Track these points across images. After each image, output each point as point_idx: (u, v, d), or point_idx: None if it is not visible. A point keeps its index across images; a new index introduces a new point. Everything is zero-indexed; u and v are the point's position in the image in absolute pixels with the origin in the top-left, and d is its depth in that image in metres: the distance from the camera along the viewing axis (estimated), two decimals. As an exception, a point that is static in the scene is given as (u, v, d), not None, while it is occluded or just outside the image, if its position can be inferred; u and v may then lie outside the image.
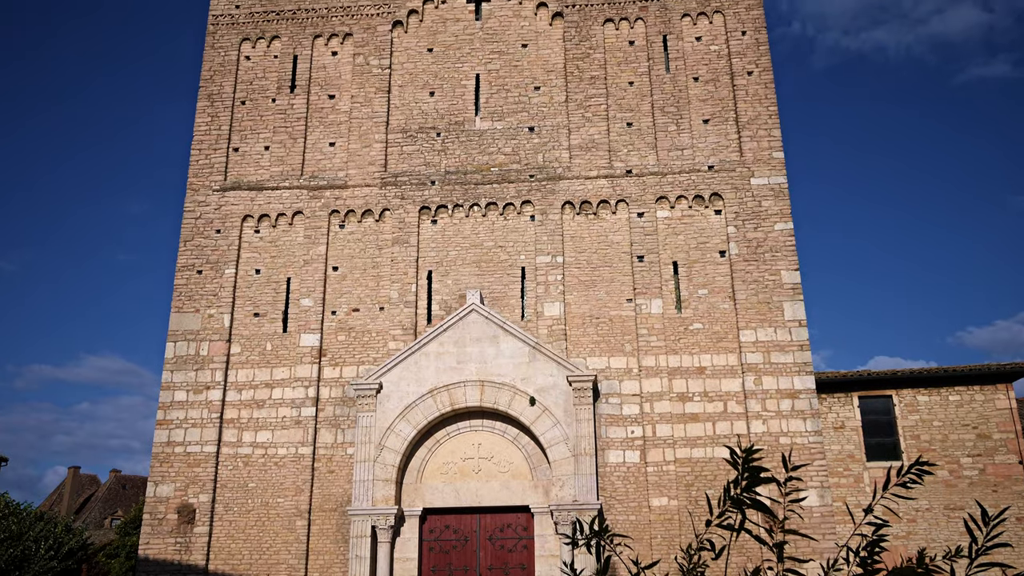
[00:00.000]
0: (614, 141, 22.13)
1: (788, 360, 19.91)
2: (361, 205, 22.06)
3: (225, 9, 24.28)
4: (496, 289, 21.12)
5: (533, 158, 22.14)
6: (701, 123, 22.11)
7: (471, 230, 21.69)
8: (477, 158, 22.29)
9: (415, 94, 23.10)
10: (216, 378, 20.84)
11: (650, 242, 21.10)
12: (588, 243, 21.36)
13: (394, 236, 21.72)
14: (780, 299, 20.38)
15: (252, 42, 23.95)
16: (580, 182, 21.75)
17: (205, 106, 23.30)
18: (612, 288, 20.90)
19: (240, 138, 23.01)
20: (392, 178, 22.23)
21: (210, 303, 21.46)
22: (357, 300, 21.37)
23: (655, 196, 21.47)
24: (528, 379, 19.72)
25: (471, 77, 23.13)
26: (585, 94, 22.54)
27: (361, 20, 23.87)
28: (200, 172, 22.65)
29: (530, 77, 22.98)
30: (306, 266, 21.65)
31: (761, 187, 21.31)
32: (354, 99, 23.08)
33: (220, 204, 22.29)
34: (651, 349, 20.23)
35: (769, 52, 22.48)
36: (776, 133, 21.75)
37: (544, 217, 21.50)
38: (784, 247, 20.79)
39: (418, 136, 22.64)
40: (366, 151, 22.55)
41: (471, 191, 21.89)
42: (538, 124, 22.46)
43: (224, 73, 23.60)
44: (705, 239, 21.17)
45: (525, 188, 21.80)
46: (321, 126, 23.04)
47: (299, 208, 22.15)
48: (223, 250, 21.91)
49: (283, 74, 23.54)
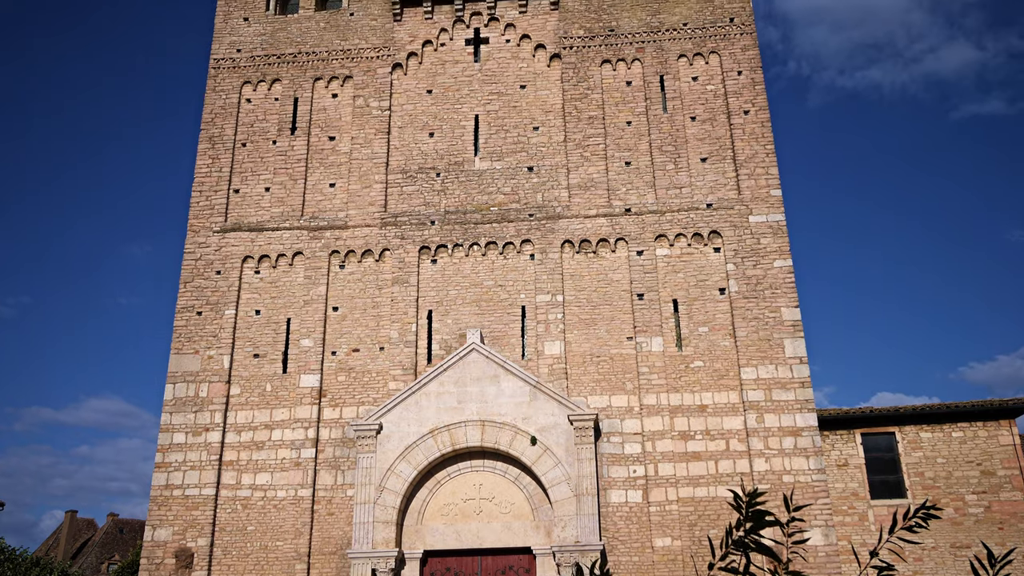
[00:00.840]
0: (613, 180, 22.28)
1: (790, 397, 19.83)
2: (361, 245, 22.13)
3: (227, 53, 24.59)
4: (496, 328, 21.11)
5: (532, 197, 22.27)
6: (699, 162, 22.28)
7: (471, 269, 21.74)
8: (477, 198, 22.42)
9: (415, 135, 23.31)
10: (215, 420, 20.74)
11: (650, 280, 21.14)
12: (588, 281, 21.40)
13: (394, 276, 21.76)
14: (781, 336, 20.36)
15: (253, 85, 24.22)
16: (579, 221, 21.85)
17: (206, 148, 23.49)
18: (612, 326, 20.89)
19: (241, 180, 23.16)
20: (392, 218, 22.33)
21: (210, 344, 21.43)
22: (357, 340, 21.35)
23: (654, 234, 21.56)
24: (529, 418, 19.62)
25: (470, 118, 23.36)
26: (583, 134, 22.75)
27: (361, 63, 24.17)
28: (200, 214, 22.77)
29: (529, 117, 23.21)
30: (306, 306, 21.66)
31: (759, 225, 21.40)
32: (354, 140, 23.29)
33: (220, 245, 22.37)
34: (652, 387, 20.16)
35: (765, 91, 22.73)
36: (773, 171, 21.90)
37: (544, 256, 21.57)
38: (784, 284, 20.82)
39: (418, 176, 22.80)
40: (366, 192, 22.69)
41: (471, 231, 21.99)
42: (537, 164, 22.63)
43: (225, 116, 23.83)
44: (705, 276, 21.21)
45: (525, 227, 21.90)
46: (321, 167, 23.21)
47: (299, 249, 22.22)
48: (223, 291, 21.93)
49: (284, 116, 23.77)
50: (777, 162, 22.03)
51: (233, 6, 25.18)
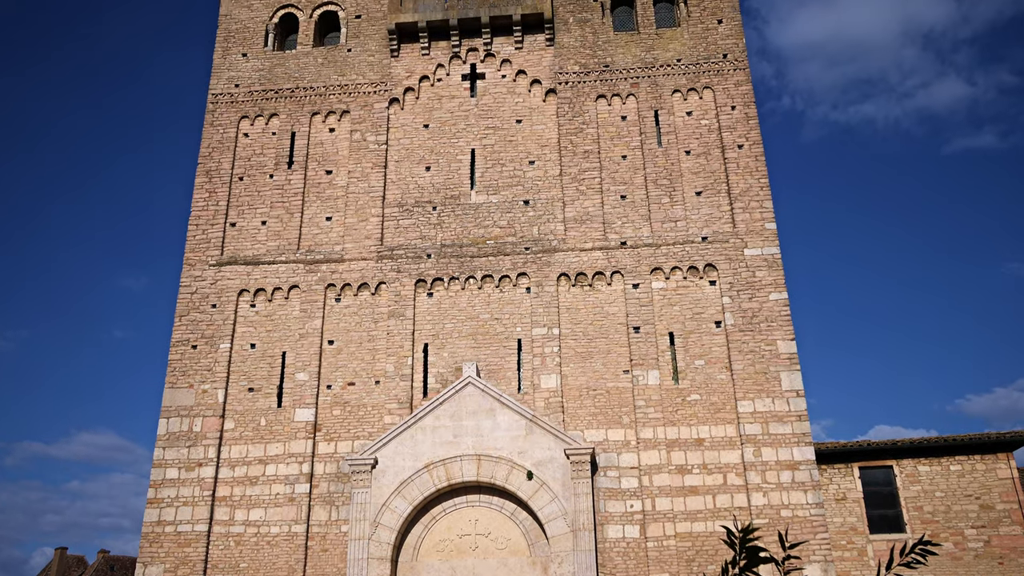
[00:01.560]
0: (608, 213, 22.38)
1: (787, 431, 19.75)
2: (357, 279, 22.15)
3: (225, 88, 24.79)
4: (492, 361, 21.06)
5: (528, 231, 22.36)
6: (694, 195, 22.40)
7: (467, 303, 21.75)
8: (473, 231, 22.49)
9: (411, 169, 23.44)
10: (209, 455, 20.58)
11: (646, 313, 21.15)
12: (584, 315, 21.40)
13: (390, 309, 21.75)
14: (777, 369, 20.34)
15: (251, 120, 24.39)
16: (575, 254, 21.91)
17: (203, 182, 23.59)
18: (609, 359, 20.86)
19: (237, 213, 23.23)
20: (388, 252, 22.38)
21: (204, 378, 21.34)
22: (352, 374, 21.28)
23: (650, 267, 21.61)
24: (525, 452, 19.50)
25: (467, 152, 23.52)
26: (579, 168, 22.89)
27: (358, 98, 24.37)
28: (197, 247, 22.80)
29: (525, 152, 23.36)
30: (301, 340, 21.61)
31: (755, 258, 21.47)
32: (351, 174, 23.41)
33: (216, 279, 22.37)
34: (649, 421, 20.08)
35: (759, 126, 22.94)
36: (768, 204, 22.02)
37: (540, 289, 21.59)
38: (779, 317, 20.84)
39: (414, 210, 22.89)
40: (362, 225, 22.76)
41: (467, 264, 22.03)
42: (533, 197, 22.74)
43: (223, 150, 23.97)
44: (701, 310, 21.23)
45: (521, 260, 21.94)
46: (318, 201, 23.30)
47: (295, 282, 22.22)
48: (218, 325, 21.89)
49: (281, 150, 23.91)
50: (771, 195, 22.16)
51: (232, 42, 25.44)
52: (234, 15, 25.85)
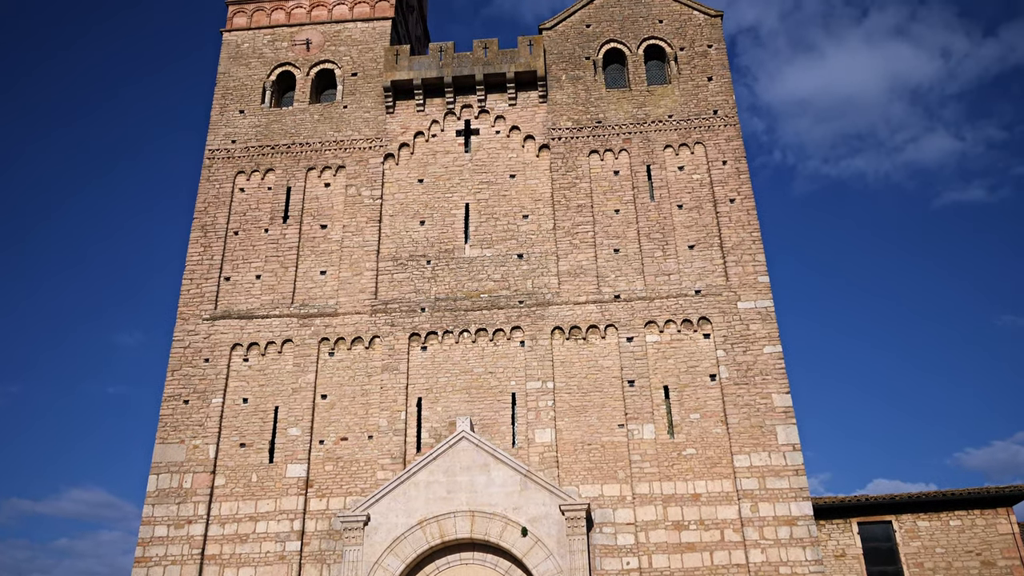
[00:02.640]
0: (602, 267, 22.47)
1: (784, 485, 19.56)
2: (351, 332, 22.10)
3: (222, 144, 25.04)
4: (486, 416, 20.91)
5: (522, 284, 22.41)
6: (687, 249, 22.53)
7: (461, 356, 21.68)
8: (467, 285, 22.53)
9: (406, 223, 23.57)
10: (199, 511, 20.26)
11: (640, 366, 21.09)
12: (578, 368, 21.33)
13: (384, 363, 21.66)
14: (773, 423, 20.22)
15: (247, 175, 24.58)
16: (569, 307, 21.93)
17: (198, 236, 23.66)
18: (603, 413, 20.73)
19: (232, 267, 23.26)
20: (382, 305, 22.37)
21: (195, 434, 21.13)
22: (345, 428, 21.09)
23: (644, 321, 21.62)
24: (520, 508, 19.24)
25: (461, 206, 23.68)
26: (572, 222, 23.05)
27: (354, 153, 24.63)
28: (191, 301, 22.77)
29: (518, 206, 23.54)
30: (294, 394, 21.46)
31: (748, 311, 21.51)
32: (346, 228, 23.52)
33: (210, 333, 22.30)
34: (644, 476, 19.87)
35: (750, 180, 23.19)
36: (760, 258, 22.14)
37: (534, 343, 21.55)
38: (774, 370, 20.80)
39: (408, 264, 22.96)
40: (357, 279, 22.80)
41: (461, 317, 22.02)
42: (527, 251, 22.85)
43: (218, 204, 24.10)
44: (695, 363, 21.18)
45: (515, 314, 21.95)
46: (313, 255, 23.37)
47: (289, 336, 22.16)
48: (211, 379, 21.75)
49: (276, 205, 24.05)
50: (764, 249, 22.30)
51: (230, 99, 25.77)
52: (232, 73, 26.24)
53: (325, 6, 27.33)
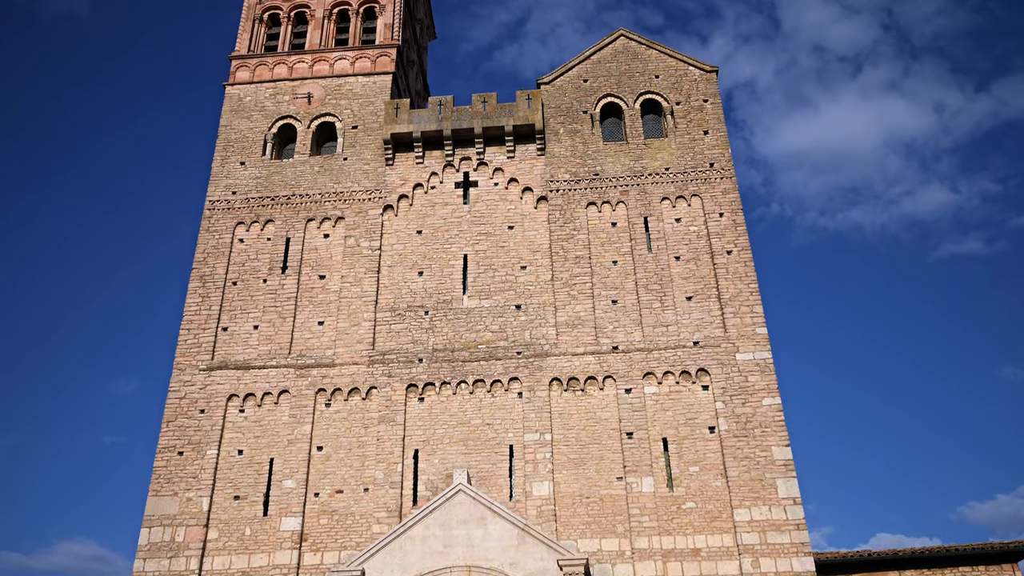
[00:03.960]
0: (600, 318, 22.48)
1: (785, 540, 19.29)
2: (348, 383, 22.00)
3: (222, 195, 25.23)
4: (484, 468, 20.71)
5: (520, 335, 22.39)
6: (684, 300, 22.57)
7: (458, 408, 21.55)
8: (465, 336, 22.50)
9: (404, 274, 23.64)
10: (191, 566, 19.92)
11: (639, 418, 20.96)
12: (576, 420, 21.20)
13: (380, 415, 21.52)
14: (773, 476, 20.02)
15: (246, 225, 24.72)
16: (567, 359, 21.88)
17: (197, 287, 23.70)
18: (602, 466, 20.54)
19: (230, 318, 23.25)
20: (380, 356, 22.31)
21: (189, 486, 20.88)
22: (341, 481, 20.86)
23: (642, 372, 21.55)
24: (517, 563, 18.92)
25: (459, 257, 23.78)
26: (570, 273, 23.13)
27: (353, 204, 24.81)
28: (188, 351, 22.70)
29: (516, 257, 23.64)
30: (290, 446, 21.27)
31: (747, 363, 21.46)
32: (344, 279, 23.58)
33: (206, 384, 22.19)
34: (644, 530, 19.61)
35: (747, 232, 23.33)
36: (758, 309, 22.17)
37: (532, 394, 21.45)
38: (773, 423, 20.67)
39: (406, 315, 22.96)
40: (354, 330, 22.78)
41: (458, 368, 21.95)
42: (525, 302, 22.87)
43: (217, 255, 24.19)
44: (694, 415, 21.06)
45: (512, 365, 21.88)
46: (311, 305, 23.38)
47: (285, 387, 22.05)
48: (206, 431, 21.58)
49: (275, 255, 24.14)
50: (762, 300, 22.34)
51: (231, 151, 26.06)
52: (234, 125, 26.57)
53: (327, 61, 27.79)
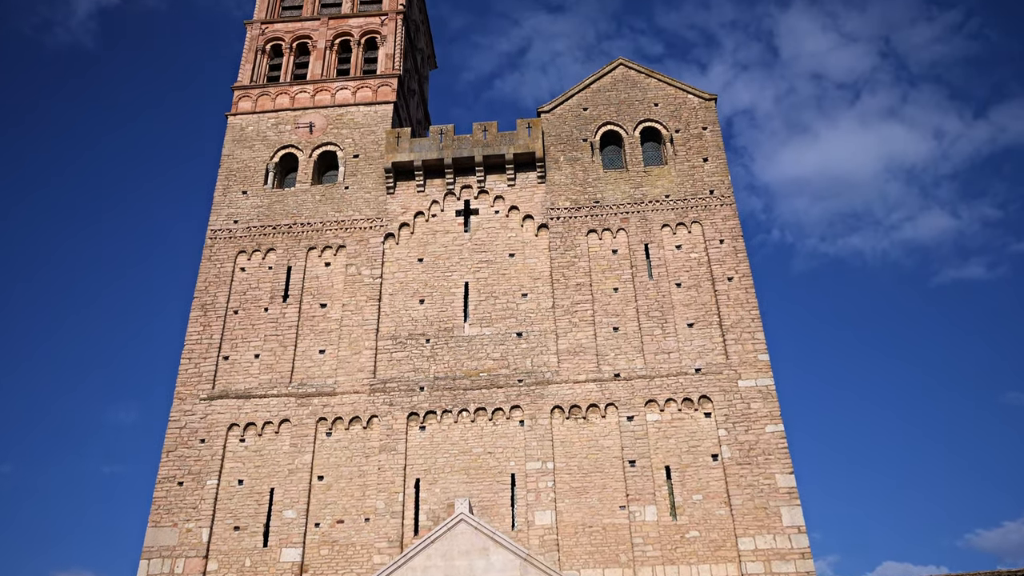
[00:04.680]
0: (601, 345, 22.42)
1: (790, 569, 19.08)
2: (349, 412, 21.92)
3: (224, 224, 25.31)
4: (486, 497, 20.56)
5: (522, 363, 22.32)
6: (686, 327, 22.53)
7: (460, 436, 21.44)
8: (466, 363, 22.45)
9: (405, 302, 23.64)
10: (190, 598, 19.70)
11: (641, 446, 20.84)
12: (578, 448, 21.07)
13: (381, 443, 21.41)
14: (777, 504, 19.85)
15: (248, 254, 24.77)
16: (569, 386, 21.80)
17: (198, 316, 23.70)
18: (604, 495, 20.38)
19: (231, 346, 23.22)
20: (381, 384, 22.24)
21: (189, 516, 20.73)
22: (342, 511, 20.70)
23: (644, 399, 21.46)
24: (519, 594, 18.70)
25: (460, 285, 23.79)
26: (571, 300, 23.11)
27: (354, 233, 24.87)
28: (188, 381, 22.65)
29: (518, 284, 23.64)
30: (291, 476, 21.14)
31: (749, 389, 21.37)
32: (345, 307, 23.57)
33: (206, 413, 22.11)
34: (647, 559, 19.41)
35: (747, 259, 23.34)
36: (760, 336, 22.11)
37: (533, 422, 21.35)
38: (777, 450, 20.53)
39: (407, 343, 22.92)
40: (356, 358, 22.73)
41: (460, 396, 21.87)
42: (526, 330, 22.84)
43: (219, 284, 24.21)
44: (697, 442, 20.93)
45: (514, 393, 21.80)
46: (312, 334, 23.35)
47: (286, 416, 21.96)
48: (206, 460, 21.46)
49: (277, 284, 24.16)
50: (764, 327, 22.29)
51: (233, 180, 26.18)
52: (236, 155, 26.72)
53: (328, 91, 28.01)
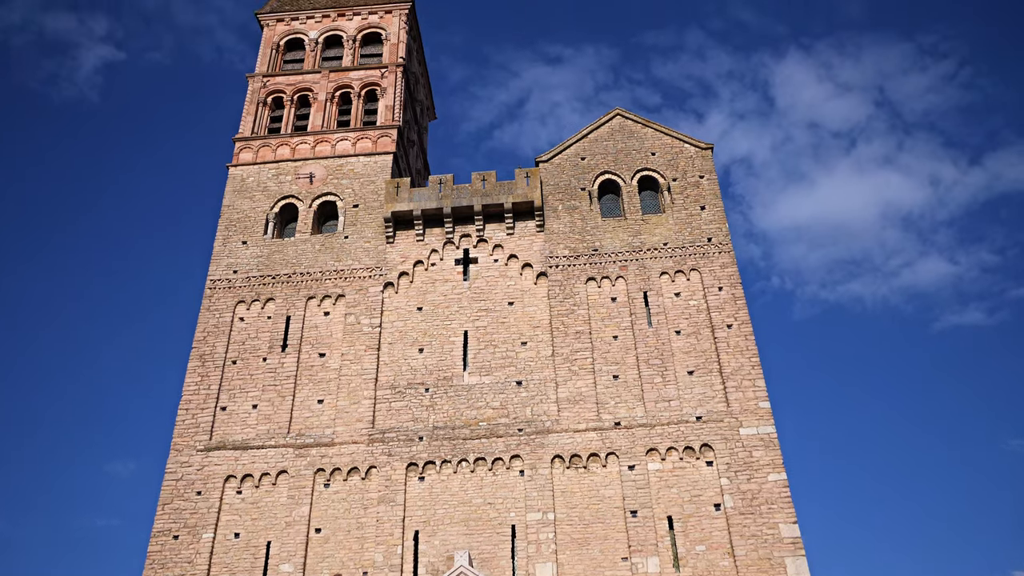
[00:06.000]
0: (601, 394, 22.30)
1: (796, 622, 18.69)
2: (347, 463, 21.69)
3: (223, 274, 25.35)
4: (485, 549, 20.24)
5: (521, 412, 22.17)
6: (686, 374, 22.43)
7: (459, 487, 21.19)
8: (465, 413, 22.29)
9: (404, 351, 23.56)
10: (184, 655, 19.27)
11: (643, 496, 20.59)
12: (579, 498, 20.82)
13: (380, 495, 21.15)
14: (781, 555, 19.54)
15: (247, 304, 24.76)
16: (569, 435, 21.62)
17: (196, 366, 23.59)
18: (606, 546, 20.07)
19: (229, 397, 23.08)
20: (380, 434, 22.06)
21: (184, 571, 20.37)
22: (339, 564, 20.36)
23: (645, 448, 21.27)
24: (520, 650, 18.31)
25: (459, 333, 23.74)
26: (571, 348, 23.05)
27: (354, 282, 24.90)
28: (185, 432, 22.46)
29: (517, 333, 23.60)
30: (288, 528, 20.84)
31: (750, 437, 21.19)
32: (344, 357, 23.49)
33: (203, 465, 21.87)
34: (650, 613, 19.02)
35: (746, 306, 23.33)
36: (760, 383, 22.00)
37: (534, 472, 21.12)
38: (780, 499, 20.28)
39: (407, 392, 22.80)
40: (354, 408, 22.58)
41: (459, 446, 21.67)
42: (526, 378, 22.73)
43: (217, 334, 24.16)
44: (699, 492, 20.69)
45: (514, 442, 21.61)
46: (310, 384, 23.23)
47: (284, 467, 21.73)
48: (202, 513, 21.18)
49: (275, 334, 24.11)
50: (764, 374, 22.18)
51: (233, 230, 26.29)
52: (236, 205, 26.88)
53: (329, 142, 28.30)
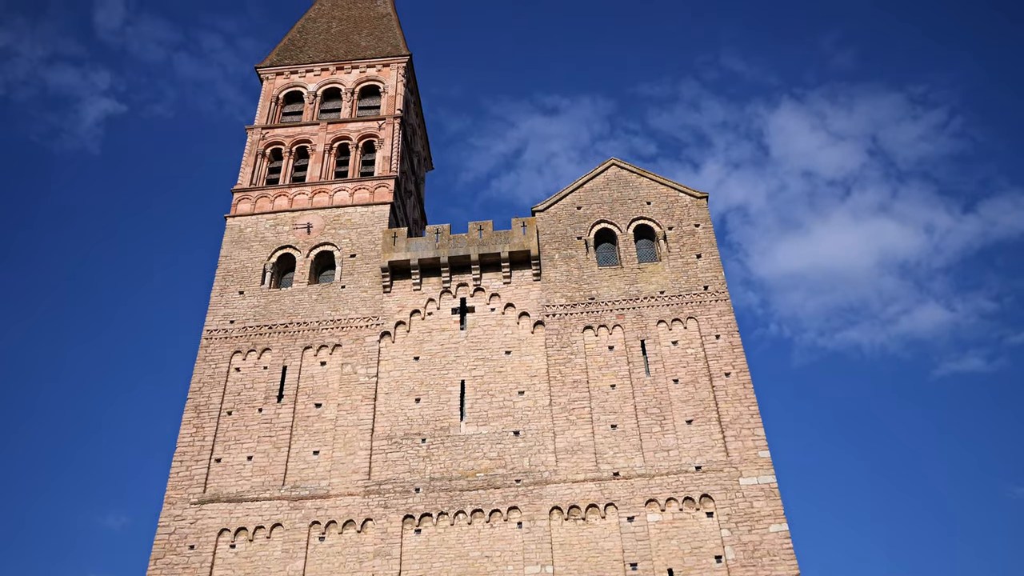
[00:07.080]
0: (599, 443, 22.11)
1: None
2: (343, 515, 21.39)
3: (220, 324, 25.30)
4: (483, 604, 19.84)
5: (519, 462, 21.96)
6: (684, 424, 22.28)
7: (456, 539, 20.88)
8: (462, 463, 22.07)
9: (401, 401, 23.42)
10: None
11: (643, 548, 20.29)
12: (578, 551, 20.50)
13: (376, 548, 20.82)
14: (784, 608, 19.17)
15: (243, 354, 24.66)
16: (567, 486, 21.38)
17: (191, 417, 23.41)
18: (606, 600, 19.68)
19: (223, 448, 22.85)
20: (376, 486, 21.80)
21: (175, 628, 19.94)
22: (334, 620, 19.94)
23: (644, 499, 21.02)
24: None
25: (456, 383, 23.62)
26: (568, 397, 22.92)
27: (350, 332, 24.84)
28: (179, 484, 22.19)
29: (514, 382, 23.49)
30: (282, 583, 20.44)
31: (751, 487, 20.97)
32: (340, 407, 23.33)
33: (197, 518, 21.56)
34: (652, 669, 18.60)
35: (744, 354, 23.27)
36: (760, 432, 21.84)
37: (531, 523, 20.84)
38: (781, 550, 19.99)
39: (403, 442, 22.60)
40: (350, 459, 22.35)
41: (456, 498, 21.41)
42: (523, 428, 22.56)
43: (213, 385, 24.01)
44: (699, 543, 20.39)
45: (512, 493, 21.36)
46: (306, 435, 23.03)
47: (278, 520, 21.43)
48: (195, 568, 20.81)
49: (271, 384, 23.97)
50: (764, 423, 22.03)
51: (230, 281, 26.30)
52: (234, 256, 26.94)
53: (326, 192, 28.49)
